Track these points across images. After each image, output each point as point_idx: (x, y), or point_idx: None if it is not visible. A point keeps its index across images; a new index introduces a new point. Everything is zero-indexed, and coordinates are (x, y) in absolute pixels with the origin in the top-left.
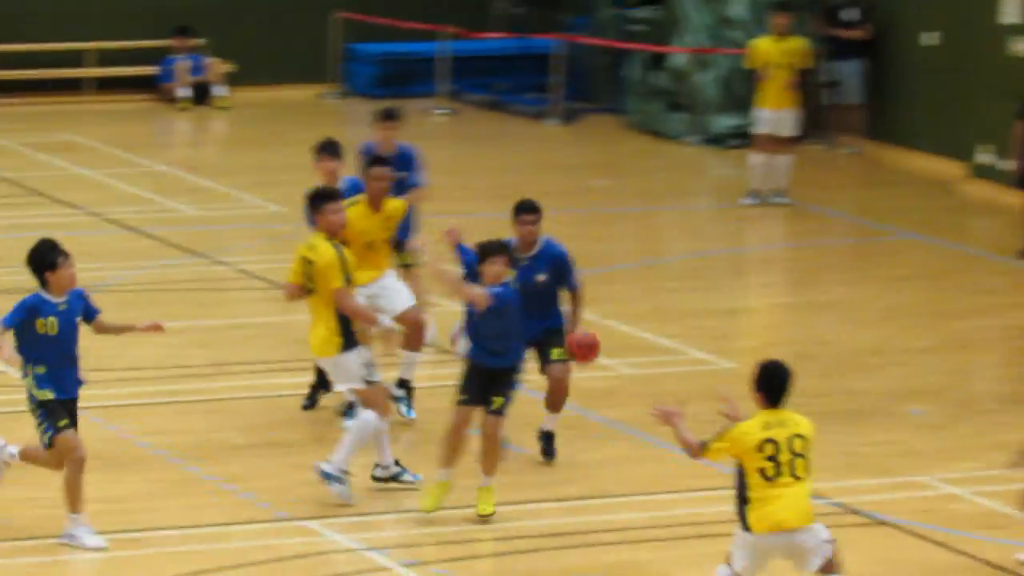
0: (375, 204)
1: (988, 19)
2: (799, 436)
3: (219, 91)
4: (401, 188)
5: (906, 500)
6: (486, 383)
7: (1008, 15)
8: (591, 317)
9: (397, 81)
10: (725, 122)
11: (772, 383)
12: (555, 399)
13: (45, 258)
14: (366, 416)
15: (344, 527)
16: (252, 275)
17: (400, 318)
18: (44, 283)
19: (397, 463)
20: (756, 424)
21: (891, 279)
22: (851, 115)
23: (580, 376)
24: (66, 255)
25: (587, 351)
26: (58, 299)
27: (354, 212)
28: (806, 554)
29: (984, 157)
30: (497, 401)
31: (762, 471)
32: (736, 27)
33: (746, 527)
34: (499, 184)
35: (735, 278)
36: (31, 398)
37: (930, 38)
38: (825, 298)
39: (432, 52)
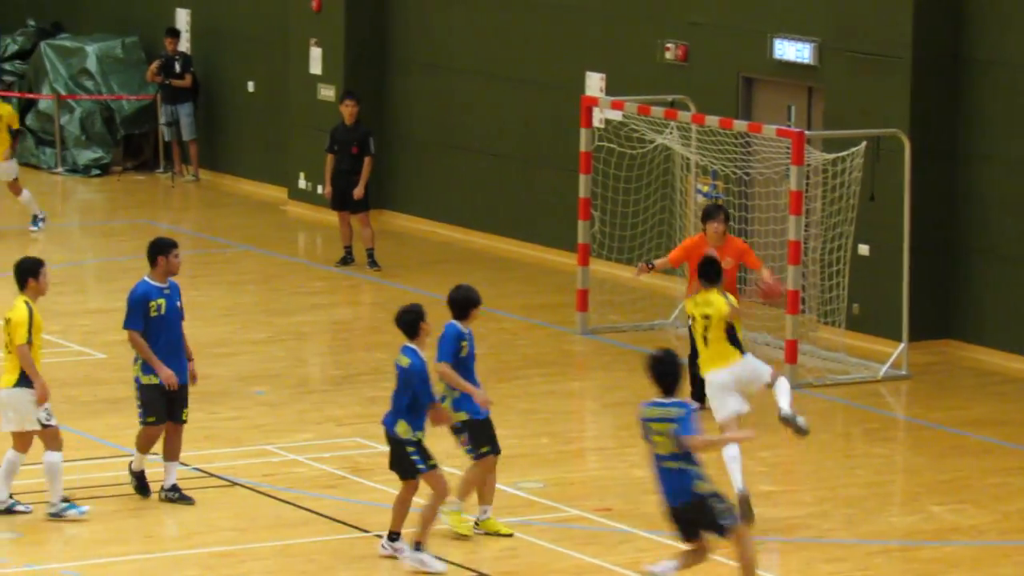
0: None
1: (300, 69)
2: None
3: None
4: None
5: (256, 465)
6: None
7: (315, 67)
8: None
9: None
10: (87, 155)
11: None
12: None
13: None
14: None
15: None
16: None
17: None
18: None
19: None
20: None
21: (231, 283)
22: (188, 149)
23: None
24: None
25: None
26: None
27: None
28: None
29: (303, 183)
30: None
31: None
32: (90, 77)
33: None
34: None
35: (102, 283)
36: None
37: (252, 85)
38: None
39: None
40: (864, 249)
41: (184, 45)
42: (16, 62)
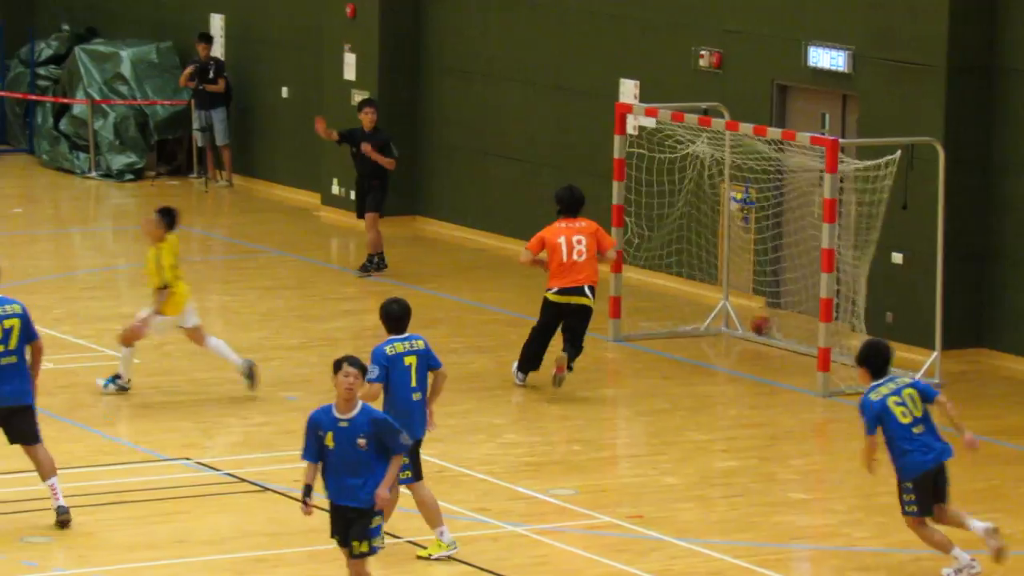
0: None
1: (334, 75)
2: None
3: None
4: None
5: (288, 471)
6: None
7: (349, 73)
8: None
9: None
10: (121, 160)
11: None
12: None
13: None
14: None
15: None
16: None
17: None
18: None
19: None
20: None
21: (265, 289)
22: (221, 154)
23: None
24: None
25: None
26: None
27: None
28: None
29: (336, 189)
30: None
31: None
32: (124, 82)
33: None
34: None
35: (135, 288)
36: None
37: (286, 91)
38: (211, 304)
39: None
40: (897, 257)
41: (218, 50)
42: (51, 67)
